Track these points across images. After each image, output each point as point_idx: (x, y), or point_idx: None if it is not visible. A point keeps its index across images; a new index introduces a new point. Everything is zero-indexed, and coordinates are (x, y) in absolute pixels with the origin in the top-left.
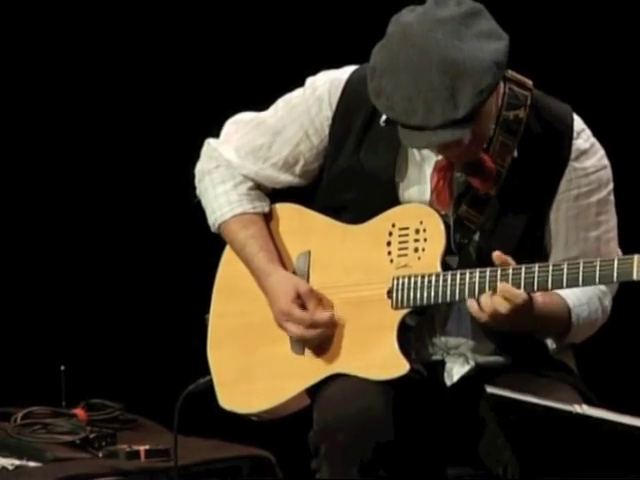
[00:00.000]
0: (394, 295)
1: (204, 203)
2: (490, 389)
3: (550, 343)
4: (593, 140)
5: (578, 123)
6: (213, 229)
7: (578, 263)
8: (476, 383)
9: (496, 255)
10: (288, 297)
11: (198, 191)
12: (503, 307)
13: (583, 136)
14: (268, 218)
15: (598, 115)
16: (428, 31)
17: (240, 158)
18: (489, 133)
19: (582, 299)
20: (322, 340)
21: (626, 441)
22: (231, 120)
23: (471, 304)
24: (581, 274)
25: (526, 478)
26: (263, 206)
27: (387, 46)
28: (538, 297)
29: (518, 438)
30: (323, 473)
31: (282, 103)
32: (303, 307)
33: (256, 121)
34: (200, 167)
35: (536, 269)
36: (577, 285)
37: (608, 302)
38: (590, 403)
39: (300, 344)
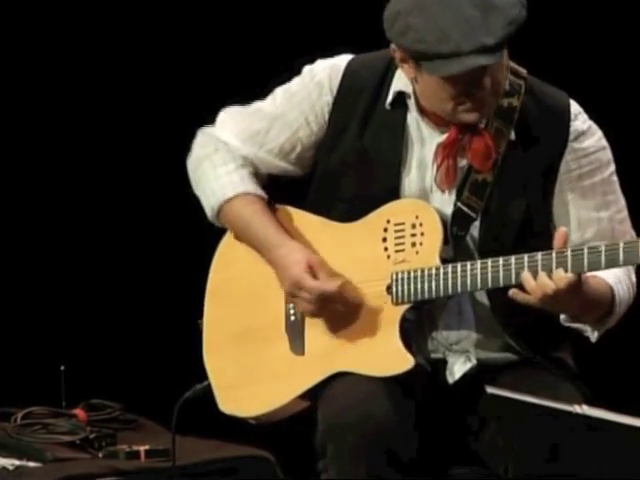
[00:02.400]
0: (394, 291)
1: (202, 187)
2: (490, 389)
3: (591, 332)
4: (590, 122)
5: (575, 106)
6: (212, 214)
7: (582, 249)
8: (478, 381)
9: (560, 234)
10: (300, 266)
11: (195, 181)
12: (549, 288)
13: (580, 118)
14: None
15: (595, 106)
16: None
17: (239, 141)
18: (504, 87)
19: (617, 277)
20: (331, 316)
21: (626, 441)
22: (224, 111)
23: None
24: (586, 260)
25: (526, 478)
26: (264, 194)
27: None
28: (589, 278)
29: (518, 438)
30: (330, 474)
31: (280, 92)
32: (314, 278)
33: (254, 108)
34: (196, 154)
35: (539, 257)
36: (582, 271)
37: (634, 278)
38: (590, 402)
39: (300, 343)
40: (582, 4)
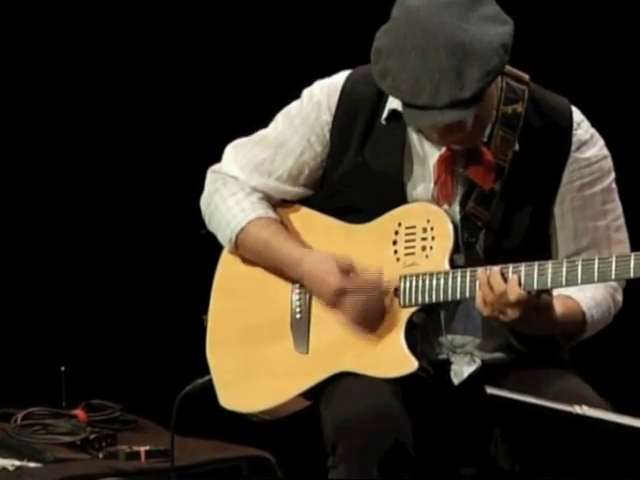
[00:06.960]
0: (402, 293)
1: (217, 221)
2: (490, 389)
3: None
4: (593, 130)
5: (577, 114)
6: (230, 245)
7: (593, 260)
8: (483, 381)
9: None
10: (335, 275)
11: (208, 216)
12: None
13: (583, 126)
14: None
15: (594, 109)
16: (435, 14)
17: (246, 174)
18: (491, 119)
19: (596, 299)
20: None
21: (626, 441)
22: (230, 145)
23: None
24: (596, 271)
25: (526, 478)
26: (276, 216)
27: (393, 28)
28: (557, 307)
29: (518, 438)
30: (340, 472)
31: (281, 117)
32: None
33: (257, 138)
34: (206, 192)
35: (549, 266)
36: (593, 281)
37: (620, 297)
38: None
39: (305, 342)
40: (579, 8)
